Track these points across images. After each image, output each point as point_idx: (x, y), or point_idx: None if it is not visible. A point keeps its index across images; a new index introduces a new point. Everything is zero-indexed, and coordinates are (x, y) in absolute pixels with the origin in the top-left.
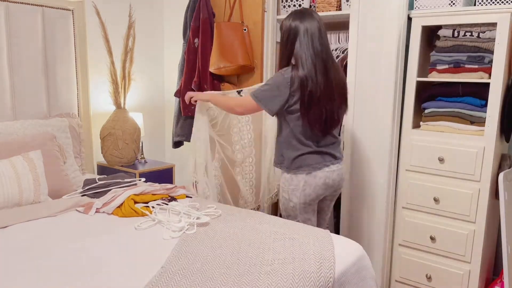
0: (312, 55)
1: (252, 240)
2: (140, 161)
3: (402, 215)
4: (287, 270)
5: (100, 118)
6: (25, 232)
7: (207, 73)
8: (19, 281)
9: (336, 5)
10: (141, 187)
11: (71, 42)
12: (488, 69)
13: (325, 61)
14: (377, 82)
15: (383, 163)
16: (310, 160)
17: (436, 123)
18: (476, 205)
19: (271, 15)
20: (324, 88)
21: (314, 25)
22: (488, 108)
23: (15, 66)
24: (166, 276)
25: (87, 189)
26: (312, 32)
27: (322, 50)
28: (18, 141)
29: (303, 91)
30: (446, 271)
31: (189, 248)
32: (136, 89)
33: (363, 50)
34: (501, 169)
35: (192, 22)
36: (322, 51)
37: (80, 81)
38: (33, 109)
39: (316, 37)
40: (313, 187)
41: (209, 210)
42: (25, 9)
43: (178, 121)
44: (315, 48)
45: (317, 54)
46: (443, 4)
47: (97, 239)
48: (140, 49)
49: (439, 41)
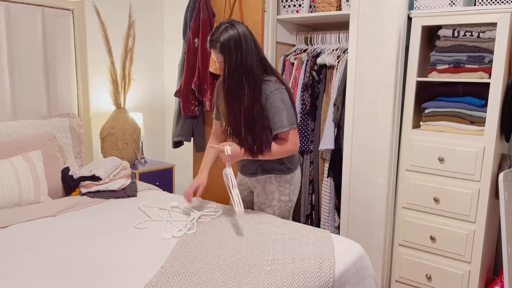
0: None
1: (252, 240)
2: (140, 161)
3: (402, 215)
4: (287, 270)
5: (100, 118)
6: (25, 232)
7: (207, 73)
8: (19, 281)
9: (336, 5)
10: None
11: (71, 42)
12: (488, 69)
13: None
14: (377, 82)
15: (383, 163)
16: (296, 161)
17: (436, 123)
18: (476, 205)
19: (271, 15)
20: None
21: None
22: (488, 108)
23: (15, 66)
24: (165, 276)
25: (88, 192)
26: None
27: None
28: (18, 141)
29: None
30: (446, 271)
31: (189, 248)
32: (136, 89)
33: (363, 50)
34: (501, 169)
35: (192, 22)
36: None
37: (80, 81)
38: (33, 109)
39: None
40: (299, 178)
41: (209, 209)
42: (25, 9)
43: (178, 121)
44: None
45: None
46: (443, 4)
47: (97, 239)
48: (140, 49)
49: (439, 41)
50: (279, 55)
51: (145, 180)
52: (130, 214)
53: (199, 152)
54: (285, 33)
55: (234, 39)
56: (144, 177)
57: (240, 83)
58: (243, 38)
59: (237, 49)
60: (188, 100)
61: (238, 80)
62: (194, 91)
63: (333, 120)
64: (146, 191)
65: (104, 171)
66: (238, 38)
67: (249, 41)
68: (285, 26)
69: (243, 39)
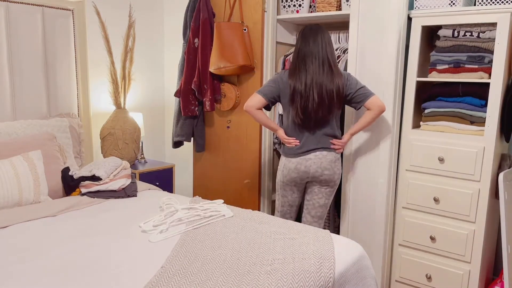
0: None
1: (252, 240)
2: (140, 161)
3: (402, 215)
4: (287, 270)
5: (100, 118)
6: (25, 232)
7: (207, 73)
8: (19, 281)
9: (336, 5)
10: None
11: (71, 42)
12: (488, 69)
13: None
14: (377, 82)
15: (383, 163)
16: (286, 149)
17: (436, 123)
18: (476, 205)
19: (271, 15)
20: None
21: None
22: (488, 108)
23: (15, 66)
24: (166, 276)
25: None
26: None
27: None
28: (18, 141)
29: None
30: (446, 271)
31: (189, 248)
32: (136, 89)
33: (363, 50)
34: (501, 169)
35: (192, 22)
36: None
37: (80, 81)
38: (33, 109)
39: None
40: (287, 170)
41: (211, 209)
42: (25, 9)
43: (178, 121)
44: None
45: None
46: (443, 4)
47: (97, 239)
48: (140, 49)
49: (439, 41)
50: (279, 55)
51: (145, 180)
52: (130, 214)
53: (199, 152)
54: (285, 33)
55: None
56: (144, 177)
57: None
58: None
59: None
60: (188, 100)
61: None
62: (194, 91)
63: None
64: (146, 191)
65: (104, 171)
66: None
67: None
68: (285, 26)
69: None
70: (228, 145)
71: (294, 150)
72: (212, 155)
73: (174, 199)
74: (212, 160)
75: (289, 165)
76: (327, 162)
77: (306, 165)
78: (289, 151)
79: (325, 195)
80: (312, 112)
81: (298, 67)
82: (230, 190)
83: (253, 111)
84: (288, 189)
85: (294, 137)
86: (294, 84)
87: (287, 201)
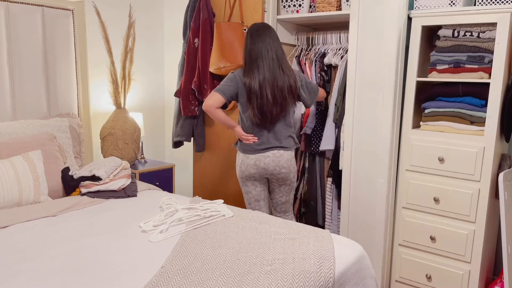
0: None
1: (252, 240)
2: (140, 161)
3: (402, 215)
4: (287, 270)
5: (100, 118)
6: (25, 232)
7: (207, 73)
8: (19, 281)
9: (336, 5)
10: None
11: (71, 42)
12: (488, 69)
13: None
14: (377, 82)
15: (383, 163)
16: (244, 145)
17: (436, 123)
18: (476, 205)
19: (271, 15)
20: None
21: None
22: (488, 108)
23: (15, 66)
24: (166, 276)
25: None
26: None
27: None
28: (18, 141)
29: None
30: (446, 271)
31: (189, 248)
32: (136, 89)
33: (363, 50)
34: (501, 169)
35: (192, 22)
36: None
37: (80, 81)
38: (33, 109)
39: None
40: (245, 166)
41: (211, 209)
42: (25, 9)
43: (178, 121)
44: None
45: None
46: (443, 4)
47: (97, 239)
48: (140, 49)
49: (439, 41)
50: None
51: (145, 180)
52: (130, 214)
53: (199, 152)
54: (285, 33)
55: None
56: (144, 177)
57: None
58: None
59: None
60: (188, 100)
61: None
62: (194, 91)
63: (333, 120)
64: (146, 191)
65: (104, 171)
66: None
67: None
68: (285, 26)
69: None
70: (228, 145)
71: (252, 146)
72: (212, 155)
73: (174, 199)
74: (212, 160)
75: (247, 161)
76: (284, 161)
77: (265, 162)
78: (247, 147)
79: (285, 193)
80: (268, 112)
81: (251, 67)
82: (230, 190)
83: (212, 110)
84: (250, 184)
85: (252, 134)
86: (249, 83)
87: (252, 196)
